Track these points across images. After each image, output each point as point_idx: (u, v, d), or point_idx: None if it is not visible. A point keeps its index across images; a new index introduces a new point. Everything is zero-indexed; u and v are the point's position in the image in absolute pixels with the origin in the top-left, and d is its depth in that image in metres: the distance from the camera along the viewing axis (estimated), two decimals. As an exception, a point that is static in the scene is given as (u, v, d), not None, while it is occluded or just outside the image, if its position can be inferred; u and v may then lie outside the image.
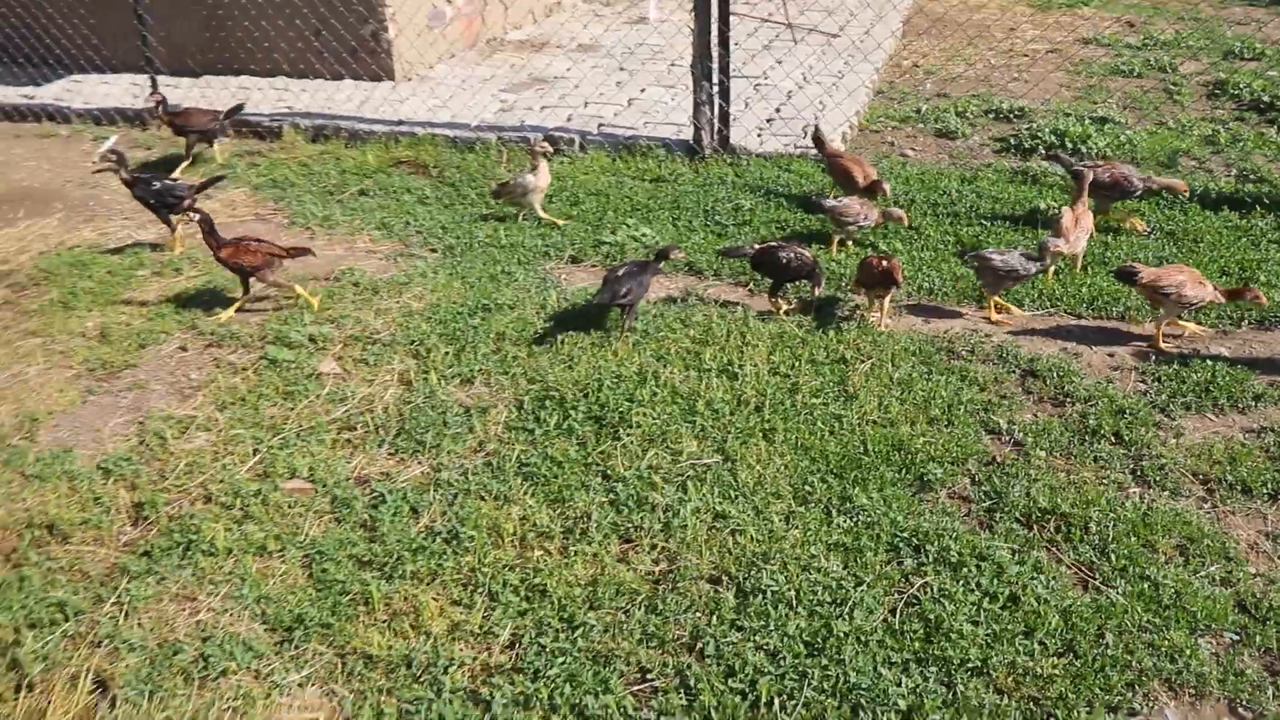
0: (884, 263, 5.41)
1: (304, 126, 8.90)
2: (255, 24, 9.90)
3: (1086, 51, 10.45)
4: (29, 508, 4.56)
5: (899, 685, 3.50)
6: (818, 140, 7.03)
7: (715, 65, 7.47)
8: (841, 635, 3.67)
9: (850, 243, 6.47)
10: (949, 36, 10.97)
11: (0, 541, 4.44)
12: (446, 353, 5.46)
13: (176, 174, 8.13)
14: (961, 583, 3.89)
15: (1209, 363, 5.17)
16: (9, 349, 5.87)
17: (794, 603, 3.82)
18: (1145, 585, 3.88)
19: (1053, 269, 5.99)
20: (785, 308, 5.68)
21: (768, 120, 8.28)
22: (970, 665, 3.58)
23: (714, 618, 3.78)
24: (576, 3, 12.96)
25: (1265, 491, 4.39)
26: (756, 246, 5.77)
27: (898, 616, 3.78)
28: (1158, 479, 4.45)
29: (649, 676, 3.59)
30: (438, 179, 7.93)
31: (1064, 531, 4.16)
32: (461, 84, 9.55)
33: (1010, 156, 7.83)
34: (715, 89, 7.53)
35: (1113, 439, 4.69)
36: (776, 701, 3.47)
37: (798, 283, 5.75)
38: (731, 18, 7.50)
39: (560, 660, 3.62)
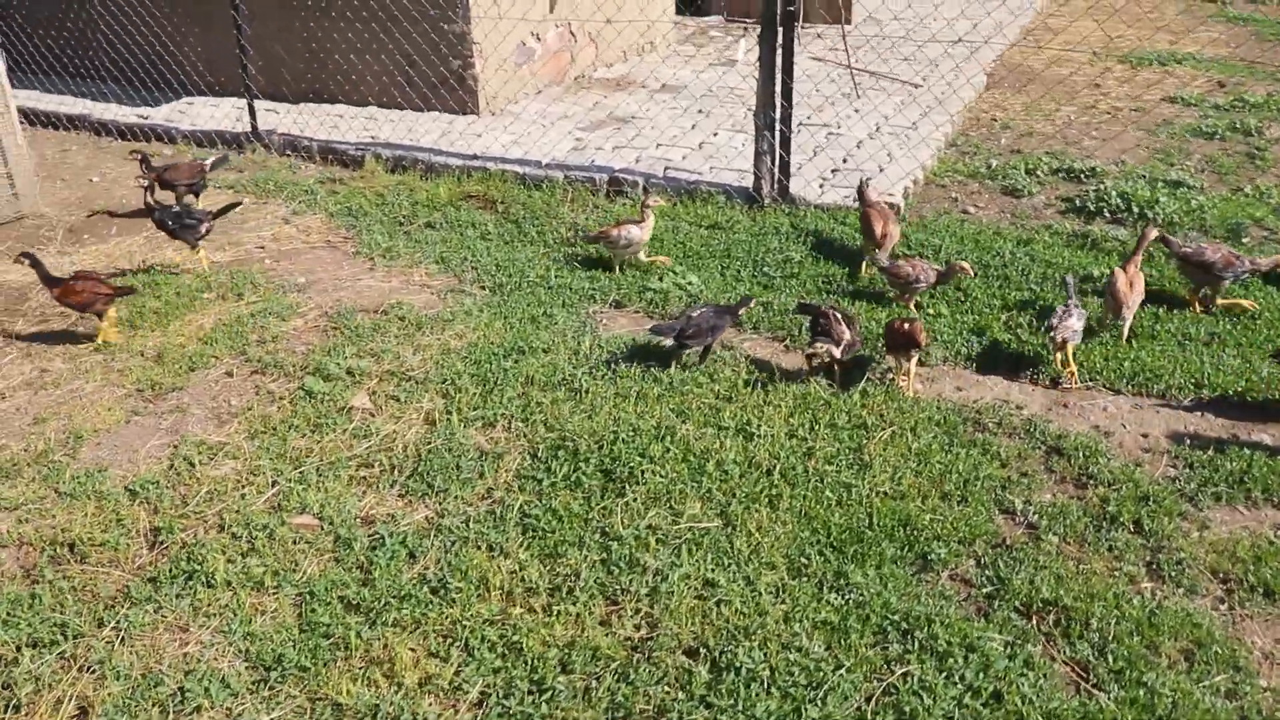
0: (906, 325, 5.31)
1: (385, 156, 9.11)
2: (349, 57, 10.18)
3: (1171, 111, 10.13)
4: (55, 525, 4.73)
5: (861, 778, 3.42)
6: (861, 194, 6.95)
7: (777, 116, 7.43)
8: (811, 720, 3.60)
9: (910, 302, 6.32)
10: (1033, 91, 10.74)
11: (24, 557, 4.61)
12: (474, 394, 5.51)
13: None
14: (945, 674, 3.77)
15: (1246, 451, 4.94)
16: (73, 364, 6.10)
17: (768, 683, 3.74)
18: (1141, 692, 3.71)
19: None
20: (813, 364, 5.55)
21: (833, 170, 8.20)
22: (941, 762, 3.47)
23: (684, 692, 3.73)
24: (670, 43, 13.03)
25: (1289, 597, 4.18)
26: (825, 307, 5.64)
27: (872, 705, 3.68)
28: (1173, 574, 4.26)
29: (607, 748, 3.56)
30: (503, 215, 8.04)
31: (1063, 626, 4.01)
32: (541, 120, 9.67)
33: (1073, 218, 7.62)
34: (776, 139, 7.49)
35: (1132, 528, 4.51)
36: (731, 785, 3.41)
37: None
38: (809, 63, 7.43)
39: (521, 724, 3.62)
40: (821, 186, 7.90)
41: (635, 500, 4.66)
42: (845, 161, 8.39)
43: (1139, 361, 5.66)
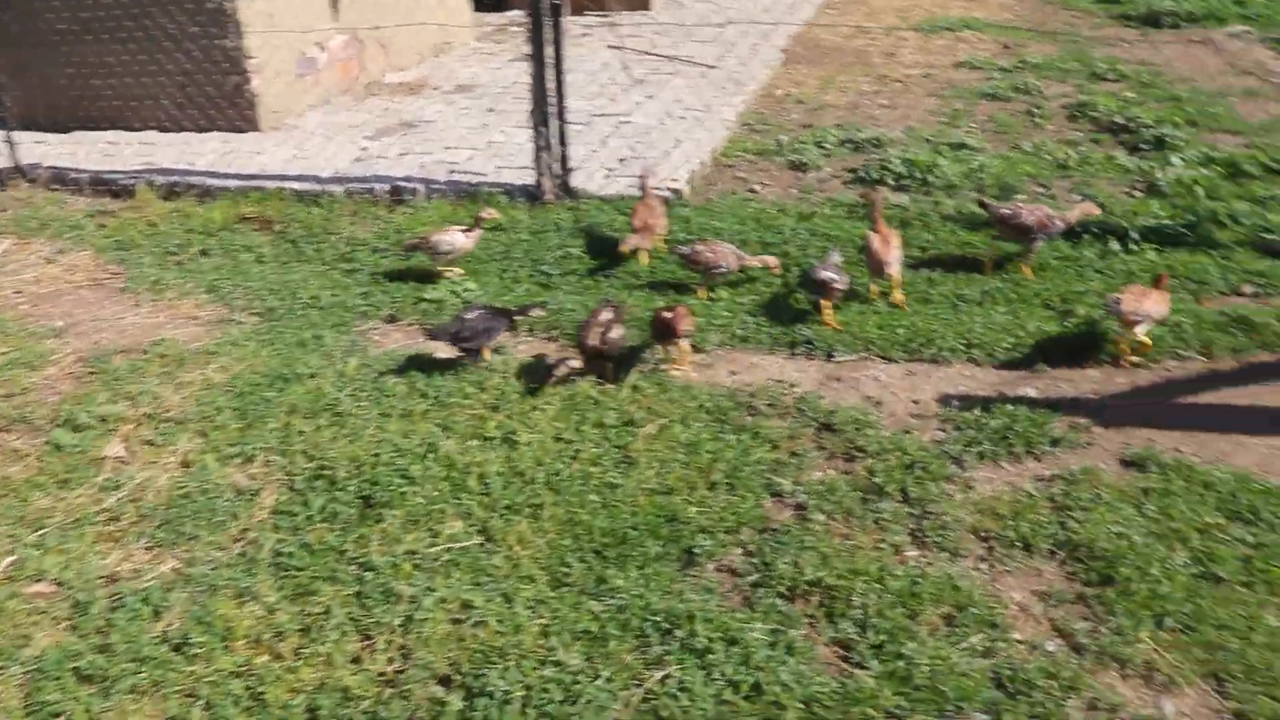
0: (668, 314, 5.22)
1: (158, 184, 8.65)
2: (119, 80, 9.67)
3: (959, 75, 10.31)
4: None
5: (616, 794, 3.28)
6: (642, 184, 6.85)
7: (553, 110, 7.26)
8: (567, 738, 3.44)
9: (702, 289, 6.22)
10: (829, 64, 10.81)
11: None
12: (234, 430, 5.22)
13: None
14: (705, 672, 3.66)
15: (1010, 407, 4.97)
16: None
17: (524, 704, 3.58)
18: (900, 664, 3.66)
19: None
20: (563, 372, 5.33)
21: (620, 160, 8.08)
22: (700, 766, 3.35)
23: (433, 724, 3.55)
24: (469, 40, 12.77)
25: (1045, 547, 4.19)
26: (598, 305, 5.51)
27: (630, 712, 3.54)
28: (937, 540, 4.24)
29: (347, 798, 3.35)
30: (280, 235, 7.69)
31: (827, 606, 3.94)
32: (325, 132, 9.34)
33: (858, 188, 7.64)
34: (554, 133, 7.32)
35: (899, 497, 4.48)
36: (478, 820, 3.23)
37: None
38: (607, 52, 7.28)
39: (253, 784, 3.38)
40: (607, 177, 7.77)
41: (393, 526, 4.44)
42: (633, 150, 8.27)
43: (913, 327, 5.67)
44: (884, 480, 4.54)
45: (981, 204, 6.49)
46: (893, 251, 5.85)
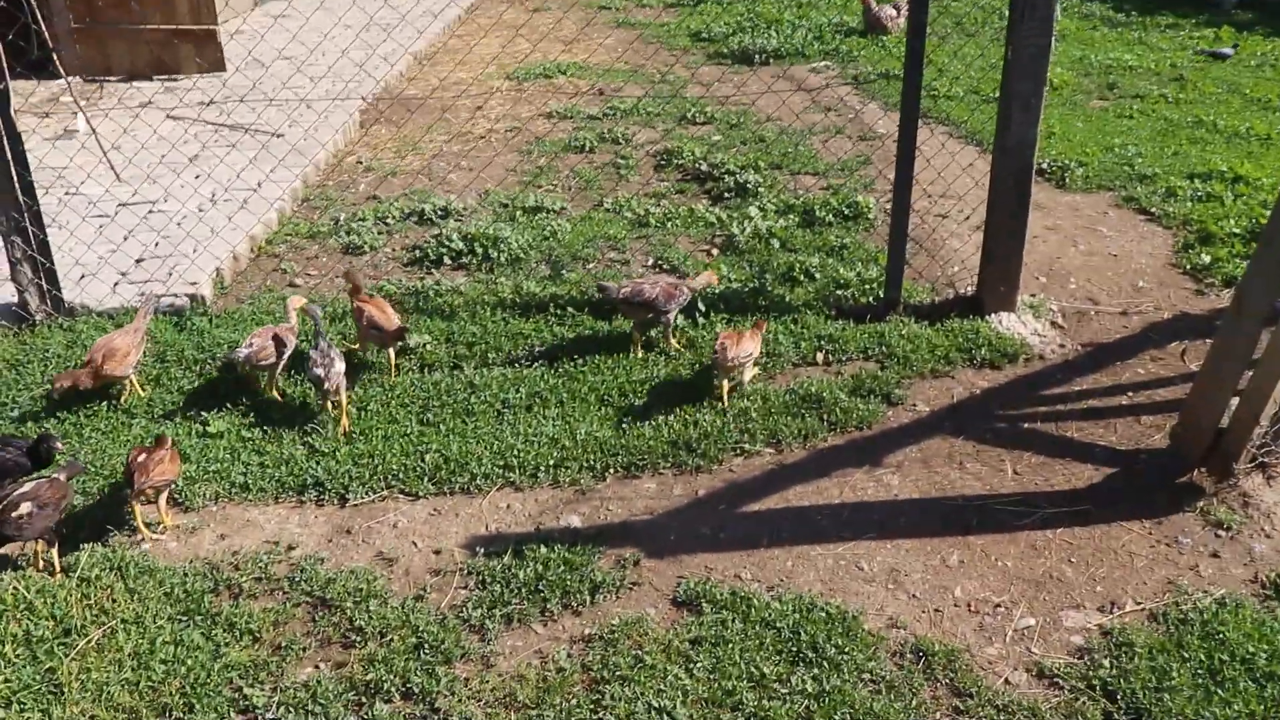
0: (141, 456, 4.28)
1: None
2: None
3: (546, 127, 9.75)
4: None
5: None
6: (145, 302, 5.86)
7: (25, 216, 6.01)
8: None
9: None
10: (410, 123, 9.99)
11: None
12: None
13: None
14: None
15: (546, 549, 4.26)
16: None
17: None
18: None
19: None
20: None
21: (137, 260, 6.91)
22: None
23: None
24: None
25: (575, 739, 3.48)
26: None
27: None
28: (439, 753, 3.44)
29: None
30: None
31: None
32: None
33: (415, 271, 6.85)
34: (33, 244, 6.08)
35: (400, 694, 3.66)
36: None
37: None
38: (168, 124, 6.05)
39: None
40: (118, 285, 6.58)
41: None
42: (157, 246, 7.11)
43: (444, 451, 4.88)
44: (383, 673, 3.70)
45: (599, 288, 5.92)
46: (390, 318, 5.45)
